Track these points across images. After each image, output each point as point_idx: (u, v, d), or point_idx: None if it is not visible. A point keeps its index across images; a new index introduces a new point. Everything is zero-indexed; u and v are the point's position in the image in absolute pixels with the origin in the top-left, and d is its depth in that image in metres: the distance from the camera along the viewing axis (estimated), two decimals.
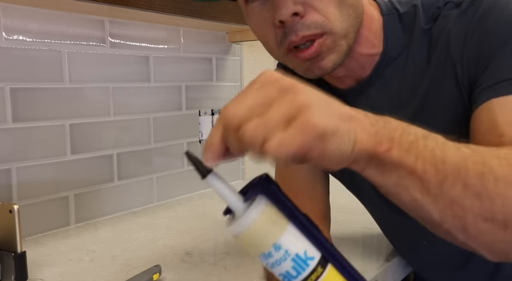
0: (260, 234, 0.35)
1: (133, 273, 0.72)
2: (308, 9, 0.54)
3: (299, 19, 0.54)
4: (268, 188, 0.36)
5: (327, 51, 0.56)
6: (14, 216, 0.67)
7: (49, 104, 0.96)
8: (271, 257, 0.35)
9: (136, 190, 1.15)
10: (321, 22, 0.54)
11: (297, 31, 0.54)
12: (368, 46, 0.61)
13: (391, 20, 0.62)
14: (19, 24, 0.91)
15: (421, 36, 0.60)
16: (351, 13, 0.56)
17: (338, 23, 0.55)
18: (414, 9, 0.61)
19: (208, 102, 1.32)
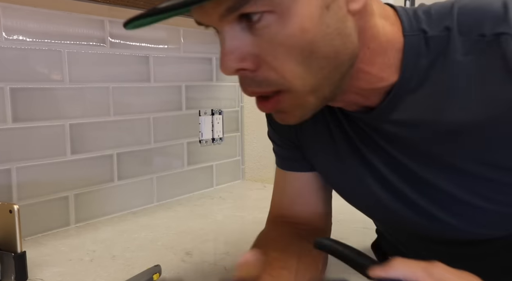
0: None
1: (133, 273, 0.72)
2: (260, 64, 0.44)
3: (250, 73, 0.45)
4: None
5: (289, 107, 0.47)
6: (14, 216, 0.67)
7: (49, 104, 0.96)
8: None
9: (136, 190, 1.15)
10: (275, 80, 0.44)
11: (246, 86, 0.46)
12: (372, 81, 0.50)
13: (414, 42, 0.48)
14: (19, 24, 0.91)
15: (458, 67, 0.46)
16: (324, 66, 0.44)
17: (299, 81, 0.44)
18: (447, 33, 0.47)
19: (208, 102, 1.33)
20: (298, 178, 0.69)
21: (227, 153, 1.41)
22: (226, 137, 1.40)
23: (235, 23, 0.43)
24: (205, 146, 1.33)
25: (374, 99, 0.51)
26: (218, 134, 1.37)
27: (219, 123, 1.37)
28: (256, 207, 0.85)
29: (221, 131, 1.38)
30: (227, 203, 1.21)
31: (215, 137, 1.36)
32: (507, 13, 0.44)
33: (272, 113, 0.50)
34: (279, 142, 0.71)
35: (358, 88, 0.50)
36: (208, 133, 1.33)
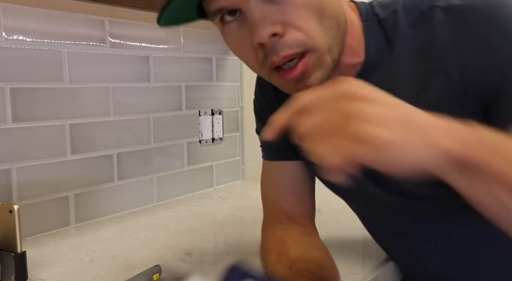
0: None
1: (133, 273, 0.72)
2: (287, 28, 0.51)
3: (279, 39, 0.51)
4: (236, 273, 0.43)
5: (312, 69, 0.53)
6: (14, 216, 0.67)
7: (49, 104, 0.96)
8: None
9: (136, 190, 1.15)
10: (303, 40, 0.51)
11: (278, 51, 0.51)
12: (352, 55, 0.59)
13: (371, 25, 0.58)
14: (19, 24, 0.91)
15: (405, 42, 0.56)
16: (332, 26, 0.53)
17: (320, 38, 0.52)
18: (394, 14, 0.57)
19: (208, 102, 1.33)
20: (289, 167, 0.74)
21: (227, 153, 1.41)
22: (226, 137, 1.40)
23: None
24: (205, 146, 1.33)
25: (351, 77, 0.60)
26: (218, 134, 1.37)
27: (219, 123, 1.37)
28: (256, 207, 0.85)
29: (221, 131, 1.38)
30: (227, 203, 1.21)
31: (215, 137, 1.36)
32: None
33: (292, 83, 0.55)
34: None
35: (342, 64, 0.58)
36: (208, 133, 1.33)
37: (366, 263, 0.78)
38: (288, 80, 0.54)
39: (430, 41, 0.54)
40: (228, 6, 0.51)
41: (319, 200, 0.86)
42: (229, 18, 0.53)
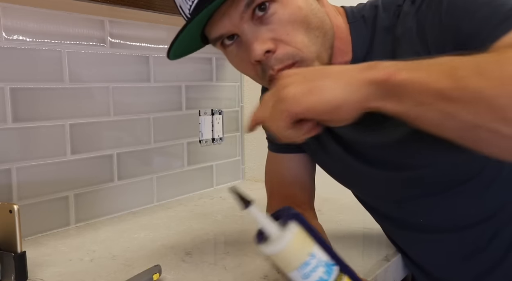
0: (299, 246, 0.45)
1: (133, 273, 0.72)
2: (278, 44, 0.57)
3: (272, 55, 0.57)
4: (297, 215, 0.46)
5: None
6: (14, 216, 0.67)
7: (49, 104, 0.96)
8: (309, 265, 0.44)
9: (136, 190, 1.15)
10: (292, 53, 0.57)
11: (272, 66, 0.58)
12: (342, 55, 0.64)
13: (357, 26, 0.64)
14: (19, 24, 0.91)
15: (384, 35, 0.62)
16: (318, 35, 0.59)
17: (307, 49, 0.58)
18: (375, 10, 0.63)
19: (208, 102, 1.33)
20: (293, 159, 0.82)
21: (227, 153, 1.41)
22: (226, 137, 1.40)
23: (250, 22, 0.57)
24: (205, 146, 1.33)
25: None
26: (218, 134, 1.37)
27: (219, 123, 1.37)
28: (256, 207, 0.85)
29: (221, 131, 1.38)
30: (227, 203, 1.21)
31: (215, 137, 1.36)
32: None
33: None
34: None
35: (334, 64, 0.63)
36: (208, 133, 1.33)
37: (366, 263, 0.78)
38: None
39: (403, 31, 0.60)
40: (226, 33, 0.59)
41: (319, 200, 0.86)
42: (228, 42, 0.60)
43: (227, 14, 0.57)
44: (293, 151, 0.81)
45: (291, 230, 0.45)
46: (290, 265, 0.45)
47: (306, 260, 0.44)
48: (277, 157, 0.83)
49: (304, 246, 0.45)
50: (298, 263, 0.44)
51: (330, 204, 1.15)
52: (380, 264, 0.78)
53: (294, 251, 0.45)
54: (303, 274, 0.44)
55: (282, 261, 0.45)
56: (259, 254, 0.83)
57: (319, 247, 0.46)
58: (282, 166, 0.82)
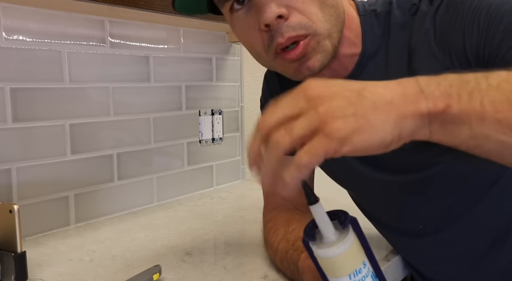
0: (355, 253, 0.44)
1: (133, 273, 0.72)
2: (291, 11, 0.55)
3: (284, 21, 0.55)
4: (354, 221, 0.45)
5: (313, 51, 0.57)
6: (14, 216, 0.67)
7: (49, 104, 0.96)
8: (360, 273, 0.44)
9: (136, 190, 1.15)
10: (305, 23, 0.55)
11: (283, 32, 0.55)
12: (350, 46, 0.62)
13: (368, 19, 0.63)
14: (19, 24, 0.91)
15: (398, 32, 0.61)
16: (332, 14, 0.57)
17: (321, 23, 0.56)
18: (389, 6, 0.62)
19: (208, 102, 1.33)
20: None
21: (227, 153, 1.41)
22: (226, 137, 1.40)
23: None
24: (205, 146, 1.33)
25: (349, 67, 0.63)
26: (218, 134, 1.37)
27: (219, 123, 1.37)
28: (256, 207, 0.85)
29: (221, 131, 1.38)
30: (227, 203, 1.21)
31: (215, 137, 1.36)
32: None
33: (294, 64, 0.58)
34: None
35: (341, 54, 0.62)
36: (208, 133, 1.33)
37: None
38: (290, 59, 0.57)
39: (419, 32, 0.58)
40: None
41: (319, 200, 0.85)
42: (238, 7, 0.57)
43: None
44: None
45: (351, 237, 0.44)
46: (342, 271, 0.44)
47: (359, 267, 0.44)
48: None
49: (359, 253, 0.45)
50: (352, 269, 0.44)
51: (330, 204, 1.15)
52: (380, 264, 0.78)
53: (351, 257, 0.44)
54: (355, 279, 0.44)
55: (334, 265, 0.44)
56: (259, 254, 0.83)
57: (367, 256, 0.46)
58: None
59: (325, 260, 0.44)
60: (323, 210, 0.45)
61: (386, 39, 0.62)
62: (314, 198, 0.44)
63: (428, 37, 0.57)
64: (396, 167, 0.66)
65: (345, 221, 0.45)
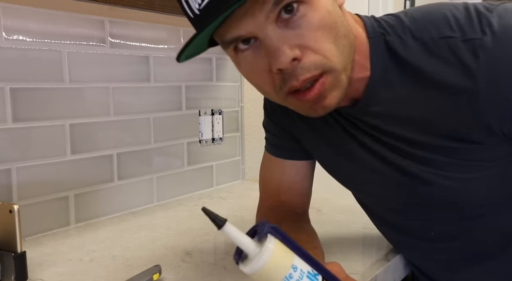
0: (279, 260, 0.43)
1: (133, 273, 0.72)
2: (305, 51, 0.51)
3: (298, 63, 0.51)
4: (273, 228, 0.45)
5: (330, 89, 0.54)
6: (14, 216, 0.67)
7: (49, 104, 0.96)
8: (292, 277, 0.43)
9: (136, 190, 1.15)
10: (320, 62, 0.52)
11: (298, 76, 0.52)
12: (360, 70, 0.59)
13: (377, 44, 0.59)
14: (19, 24, 0.91)
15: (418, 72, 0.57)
16: (345, 45, 0.54)
17: (336, 59, 0.53)
18: (400, 40, 0.58)
19: (208, 102, 1.33)
20: (292, 166, 0.79)
21: (227, 153, 1.41)
22: (226, 137, 1.40)
23: (275, 24, 0.50)
24: (205, 146, 1.33)
25: (360, 90, 0.61)
26: (218, 134, 1.37)
27: (219, 123, 1.37)
28: (256, 207, 0.85)
29: (221, 131, 1.38)
30: (227, 203, 1.21)
31: (215, 137, 1.36)
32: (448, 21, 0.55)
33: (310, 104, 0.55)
34: (276, 133, 0.79)
35: (353, 79, 0.58)
36: (208, 133, 1.33)
37: (366, 262, 0.78)
38: (305, 101, 0.55)
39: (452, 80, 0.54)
40: (245, 35, 0.51)
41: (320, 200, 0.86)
42: (243, 47, 0.53)
43: (250, 13, 0.49)
44: (293, 158, 0.79)
45: (269, 246, 0.44)
46: (275, 277, 0.43)
47: (288, 273, 0.43)
48: (276, 161, 0.80)
49: (285, 260, 0.44)
50: (281, 277, 0.43)
51: (330, 204, 1.15)
52: (380, 264, 0.78)
53: (275, 266, 0.43)
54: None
55: (264, 278, 0.44)
56: None
57: (300, 259, 0.45)
58: (281, 171, 0.79)
59: (255, 276, 0.44)
60: (234, 229, 0.45)
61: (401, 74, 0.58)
62: (220, 221, 0.46)
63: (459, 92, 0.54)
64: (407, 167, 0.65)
65: (260, 233, 0.45)
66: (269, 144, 0.83)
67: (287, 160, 0.79)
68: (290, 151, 0.79)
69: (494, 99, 0.53)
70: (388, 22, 0.59)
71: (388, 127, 0.62)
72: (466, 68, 0.53)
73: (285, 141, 0.79)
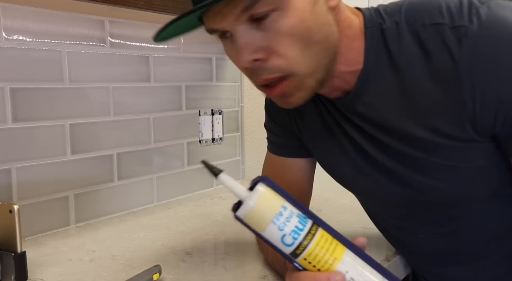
0: (270, 200, 0.46)
1: (133, 273, 0.72)
2: (270, 54, 0.53)
3: (261, 63, 0.54)
4: (264, 178, 0.49)
5: (292, 90, 0.56)
6: (14, 216, 0.67)
7: (49, 104, 0.96)
8: (282, 215, 0.46)
9: (136, 190, 1.15)
10: (283, 66, 0.53)
11: (259, 74, 0.55)
12: (350, 64, 0.60)
13: (373, 33, 0.59)
14: (19, 24, 0.91)
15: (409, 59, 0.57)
16: (319, 50, 0.55)
17: (302, 65, 0.54)
18: (396, 27, 0.58)
19: (208, 102, 1.33)
20: (293, 164, 0.80)
21: (227, 153, 1.41)
22: (226, 137, 1.40)
23: (246, 23, 0.52)
24: (205, 146, 1.33)
25: (352, 82, 0.62)
26: (218, 134, 1.37)
27: (219, 123, 1.37)
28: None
29: (221, 131, 1.38)
30: (227, 203, 1.21)
31: (215, 137, 1.36)
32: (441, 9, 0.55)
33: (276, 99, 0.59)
34: (278, 132, 0.80)
35: (340, 72, 0.60)
36: (208, 133, 1.33)
37: None
38: (271, 96, 0.58)
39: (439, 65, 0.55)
40: (219, 29, 0.55)
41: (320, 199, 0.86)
42: (224, 36, 0.56)
43: (223, 12, 0.52)
44: (295, 156, 0.80)
45: (259, 188, 0.47)
46: (265, 220, 0.46)
47: (279, 211, 0.46)
48: (277, 160, 0.81)
49: (275, 200, 0.46)
50: (272, 215, 0.45)
51: (330, 204, 1.15)
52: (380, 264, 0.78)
53: (266, 205, 0.46)
54: (279, 225, 0.45)
55: (257, 219, 0.46)
56: (259, 254, 0.83)
57: (289, 204, 0.47)
58: (282, 169, 0.80)
59: (247, 218, 0.47)
60: (230, 178, 0.50)
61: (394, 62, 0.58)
62: (217, 170, 0.50)
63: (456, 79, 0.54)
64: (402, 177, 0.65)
65: (251, 183, 0.48)
66: (270, 144, 0.84)
67: (288, 158, 0.80)
68: (291, 149, 0.79)
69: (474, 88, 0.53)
70: (386, 9, 0.61)
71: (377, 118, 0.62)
72: (451, 54, 0.54)
73: (286, 140, 0.80)
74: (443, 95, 0.55)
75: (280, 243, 0.46)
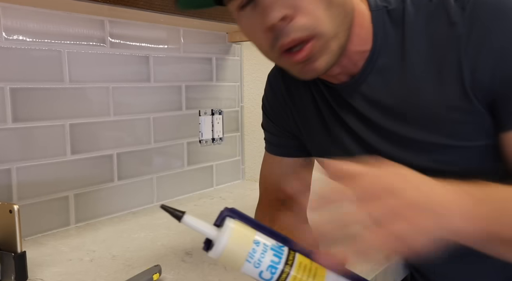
0: (240, 237, 0.44)
1: (133, 273, 0.72)
2: (297, 12, 0.53)
3: (289, 22, 0.54)
4: (231, 210, 0.46)
5: (318, 53, 0.56)
6: (14, 216, 0.67)
7: (49, 104, 0.96)
8: (256, 252, 0.44)
9: (136, 190, 1.15)
10: (310, 25, 0.54)
11: (288, 34, 0.54)
12: (360, 43, 0.61)
13: (379, 15, 0.61)
14: (19, 24, 0.91)
15: (413, 32, 0.59)
16: (340, 12, 0.56)
17: (327, 25, 0.55)
18: (403, 4, 0.60)
19: (208, 102, 1.33)
20: (290, 163, 0.80)
21: (227, 153, 1.41)
22: (226, 137, 1.40)
23: None
24: (205, 146, 1.33)
25: (359, 64, 0.63)
26: (218, 134, 1.37)
27: (219, 123, 1.37)
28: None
29: (221, 131, 1.38)
30: (227, 203, 1.21)
31: (215, 137, 1.36)
32: None
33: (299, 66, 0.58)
34: (275, 131, 0.81)
35: (350, 51, 0.61)
36: (208, 133, 1.33)
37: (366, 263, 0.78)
38: (295, 61, 0.57)
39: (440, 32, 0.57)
40: None
41: None
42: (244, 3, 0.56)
43: None
44: (292, 155, 0.80)
45: (229, 225, 0.45)
46: (239, 260, 0.44)
47: (251, 248, 0.44)
48: (275, 159, 0.82)
49: (245, 237, 0.45)
50: (245, 253, 0.44)
51: None
52: (380, 264, 0.78)
53: (238, 244, 0.44)
54: (254, 263, 0.44)
55: (231, 259, 0.44)
56: None
57: (263, 234, 0.46)
58: (280, 169, 0.81)
59: (221, 259, 0.45)
60: (194, 219, 0.46)
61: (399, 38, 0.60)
62: (179, 213, 0.46)
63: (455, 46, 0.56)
64: None
65: (218, 219, 0.46)
66: (268, 144, 0.84)
67: (286, 157, 0.80)
68: (288, 148, 0.80)
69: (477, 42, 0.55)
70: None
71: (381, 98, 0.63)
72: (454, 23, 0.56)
73: (283, 139, 0.80)
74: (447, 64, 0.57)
75: (259, 278, 0.44)
